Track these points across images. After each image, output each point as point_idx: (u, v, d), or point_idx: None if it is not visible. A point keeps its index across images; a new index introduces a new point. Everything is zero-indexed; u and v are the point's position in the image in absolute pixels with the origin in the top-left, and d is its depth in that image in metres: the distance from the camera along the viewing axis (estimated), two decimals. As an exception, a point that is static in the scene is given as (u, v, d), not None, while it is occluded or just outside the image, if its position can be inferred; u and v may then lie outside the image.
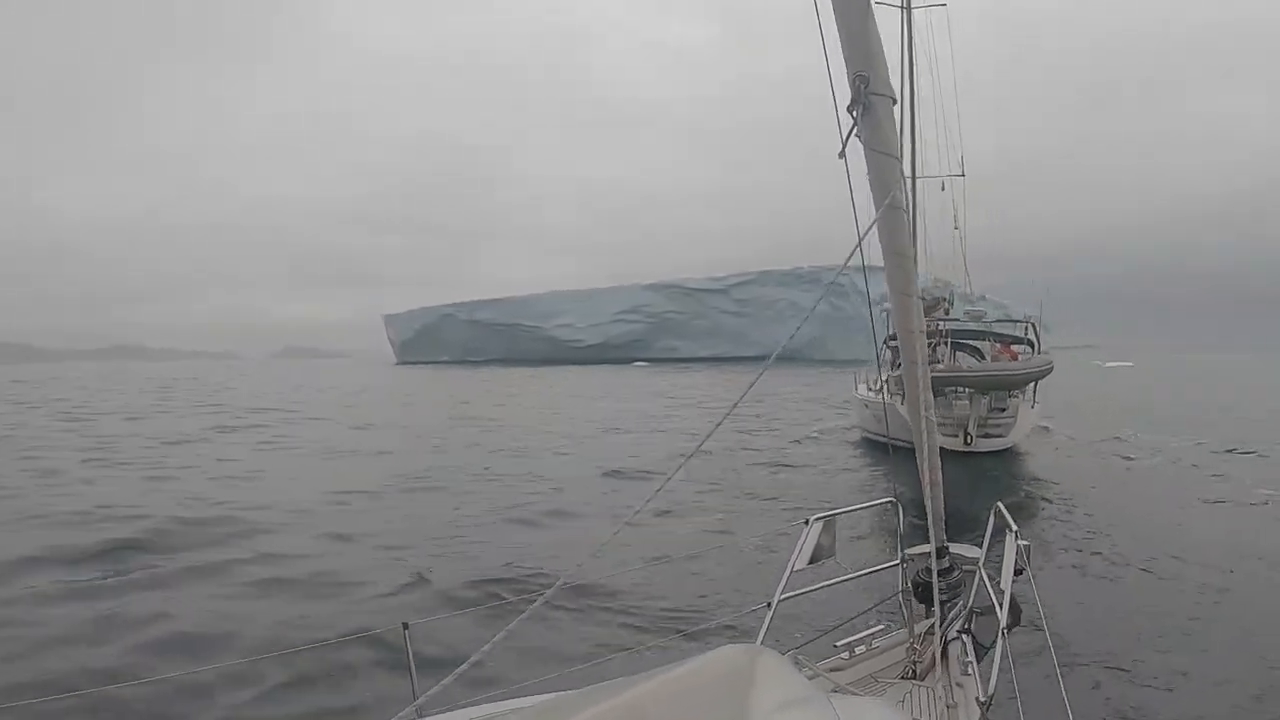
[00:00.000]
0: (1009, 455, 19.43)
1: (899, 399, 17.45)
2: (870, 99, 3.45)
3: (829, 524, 4.47)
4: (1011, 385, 20.00)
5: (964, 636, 4.13)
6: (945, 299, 23.94)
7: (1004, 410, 20.20)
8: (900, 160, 3.79)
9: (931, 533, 4.45)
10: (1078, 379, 58.99)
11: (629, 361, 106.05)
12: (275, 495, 14.34)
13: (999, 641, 3.61)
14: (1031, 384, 20.33)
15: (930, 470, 4.52)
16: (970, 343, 22.92)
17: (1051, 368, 20.14)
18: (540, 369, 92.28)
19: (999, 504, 4.69)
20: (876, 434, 20.31)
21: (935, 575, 4.38)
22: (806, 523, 4.45)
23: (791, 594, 4.20)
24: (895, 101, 3.60)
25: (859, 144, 3.61)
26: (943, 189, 27.65)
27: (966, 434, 18.86)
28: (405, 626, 2.87)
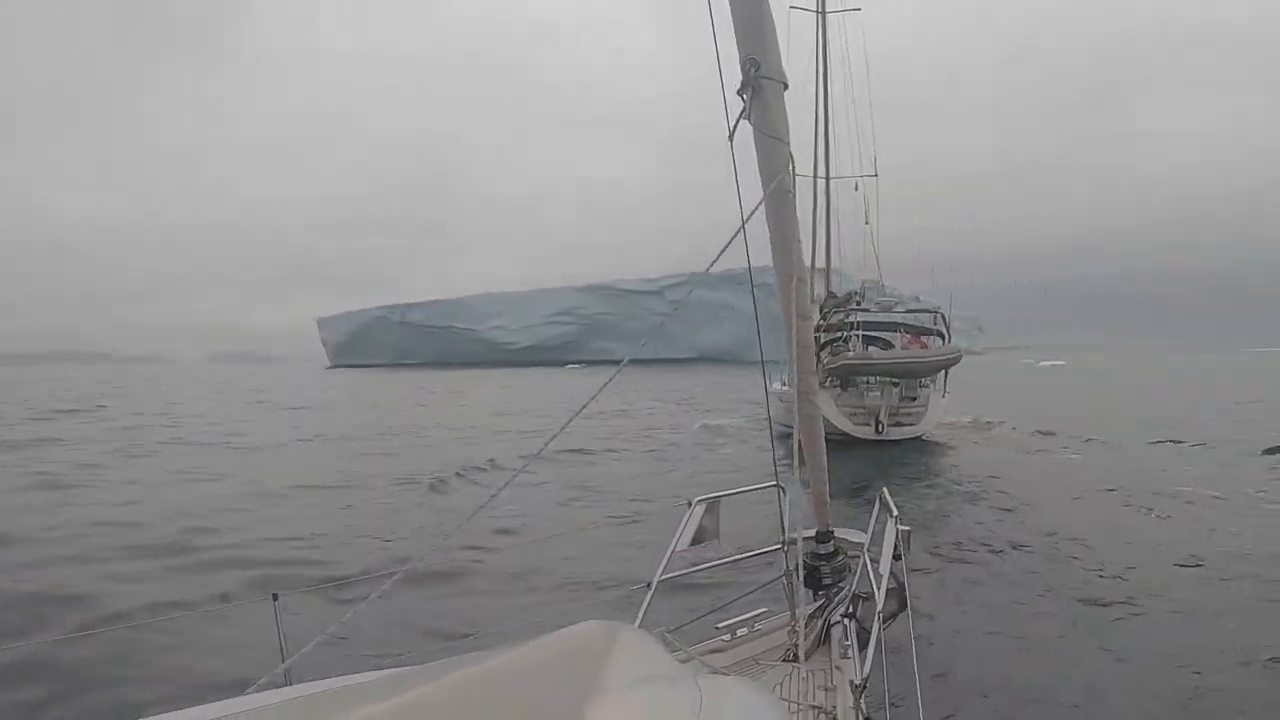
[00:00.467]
0: (922, 444, 19.59)
1: None
2: (760, 82, 3.42)
3: (713, 506, 4.49)
4: (920, 373, 20.24)
5: (846, 621, 4.13)
6: (857, 292, 23.86)
7: (915, 400, 20.44)
8: (789, 145, 3.68)
9: (787, 518, 4.49)
10: (1014, 377, 61.80)
11: (562, 364, 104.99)
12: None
13: (875, 625, 3.64)
14: (942, 373, 20.68)
15: (815, 455, 4.59)
16: (880, 335, 22.84)
17: (960, 356, 20.57)
18: (474, 372, 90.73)
19: (884, 489, 4.71)
20: (791, 426, 19.81)
21: (799, 562, 4.33)
22: (690, 504, 4.46)
23: (672, 575, 4.18)
24: (786, 86, 3.55)
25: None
26: (856, 189, 27.71)
27: (878, 423, 19.20)
28: (275, 598, 2.96)
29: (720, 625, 4.39)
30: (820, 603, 4.45)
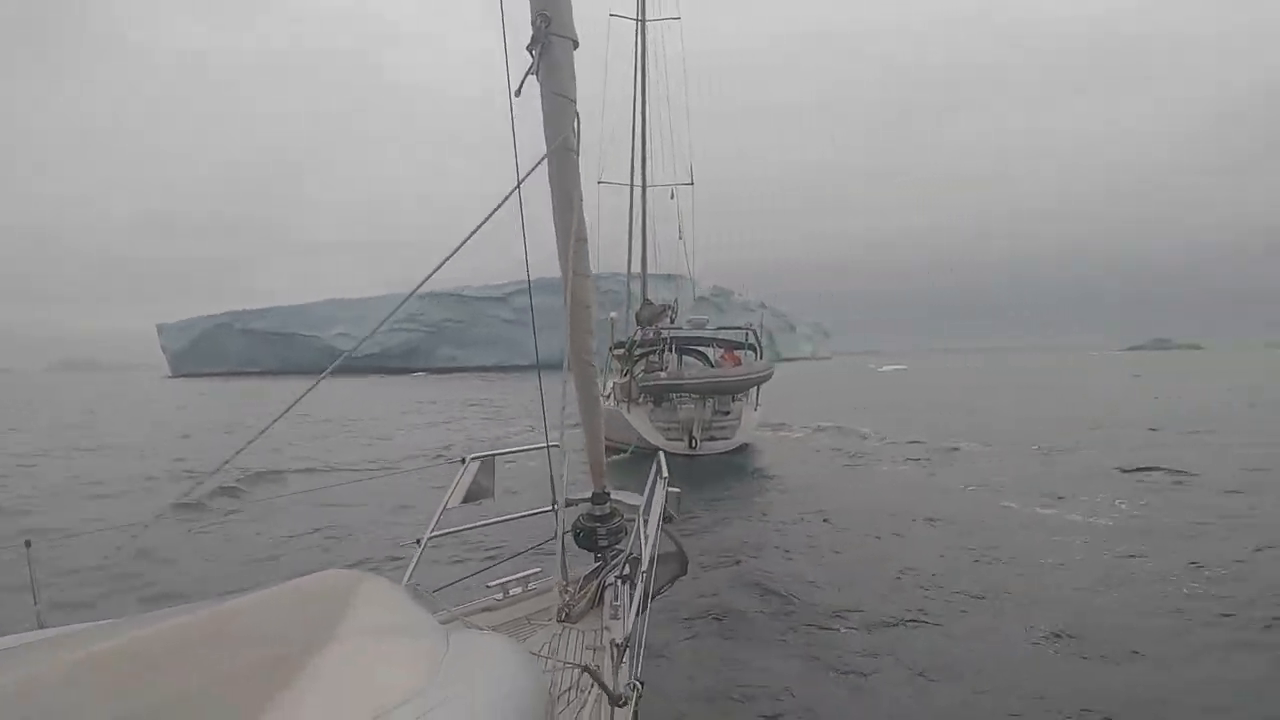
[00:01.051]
0: (735, 457, 19.58)
1: (624, 406, 19.19)
2: (550, 39, 3.40)
3: (487, 464, 4.45)
4: (731, 391, 20.45)
5: (620, 582, 4.12)
6: (670, 306, 23.82)
7: (728, 414, 20.41)
8: (575, 103, 3.64)
9: (562, 480, 4.37)
10: (858, 381, 65.17)
11: (408, 371, 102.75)
12: None
13: (639, 586, 3.62)
14: (754, 388, 21.09)
15: (591, 416, 4.58)
16: (697, 348, 23.25)
17: (771, 373, 20.84)
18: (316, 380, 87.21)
19: (661, 452, 4.74)
20: (608, 440, 19.33)
21: (571, 523, 4.44)
22: (464, 461, 4.41)
23: (443, 532, 4.21)
24: (576, 45, 3.54)
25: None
26: (671, 197, 27.83)
27: (691, 438, 19.05)
28: (27, 544, 2.94)
29: (492, 584, 4.35)
30: (598, 564, 4.44)
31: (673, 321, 22.88)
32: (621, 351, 21.03)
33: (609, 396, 20.06)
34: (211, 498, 12.77)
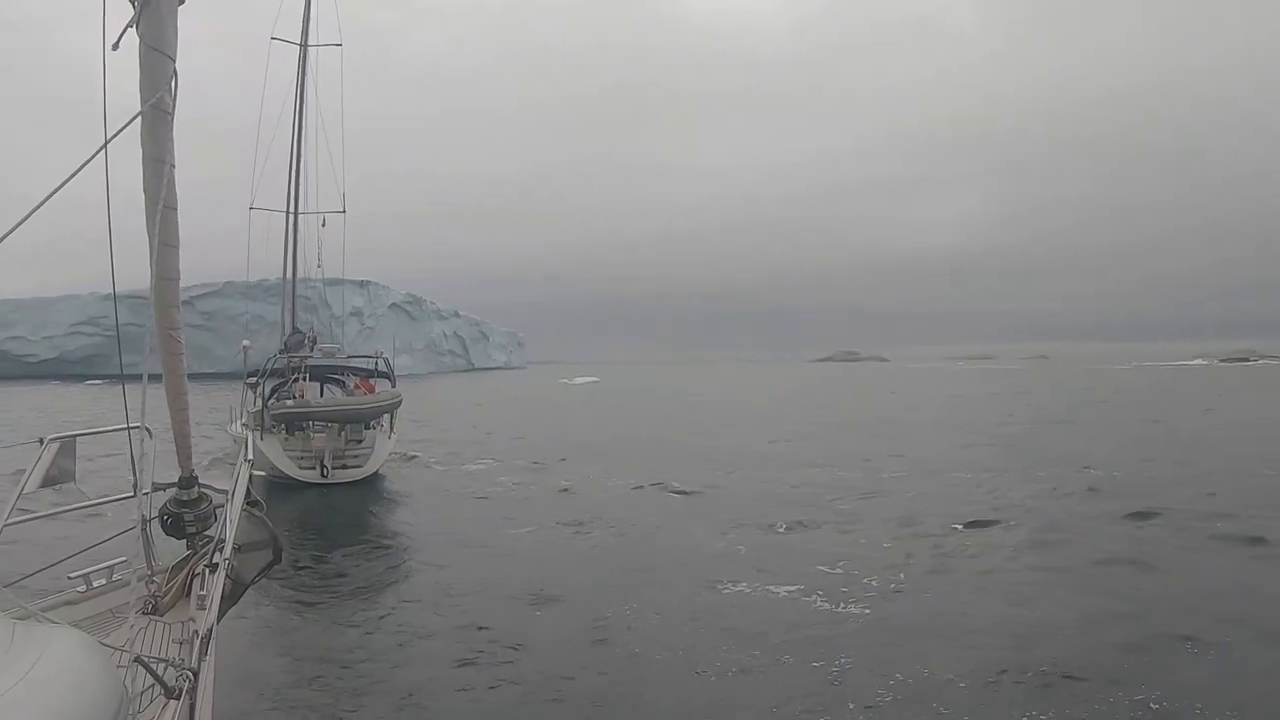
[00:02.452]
0: (369, 486, 19.14)
1: (258, 434, 18.14)
2: None
3: (68, 445, 4.12)
4: (362, 419, 20.51)
5: (208, 571, 3.89)
6: (309, 333, 23.95)
7: (361, 442, 20.39)
8: (175, 62, 3.46)
9: (149, 463, 4.13)
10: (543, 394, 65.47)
11: (88, 379, 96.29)
12: None
13: (219, 575, 3.50)
14: (388, 416, 21.08)
15: (177, 394, 4.31)
16: (335, 376, 23.56)
17: (400, 401, 21.06)
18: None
19: (250, 434, 4.81)
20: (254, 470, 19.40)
21: (158, 510, 4.18)
22: (41, 442, 4.06)
23: (20, 520, 3.88)
24: (182, 1, 3.40)
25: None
26: (323, 224, 27.08)
27: (323, 466, 18.73)
28: None
29: (74, 575, 4.06)
30: (189, 553, 4.22)
31: (312, 349, 22.87)
32: (254, 380, 20.65)
33: (245, 425, 19.49)
34: None
